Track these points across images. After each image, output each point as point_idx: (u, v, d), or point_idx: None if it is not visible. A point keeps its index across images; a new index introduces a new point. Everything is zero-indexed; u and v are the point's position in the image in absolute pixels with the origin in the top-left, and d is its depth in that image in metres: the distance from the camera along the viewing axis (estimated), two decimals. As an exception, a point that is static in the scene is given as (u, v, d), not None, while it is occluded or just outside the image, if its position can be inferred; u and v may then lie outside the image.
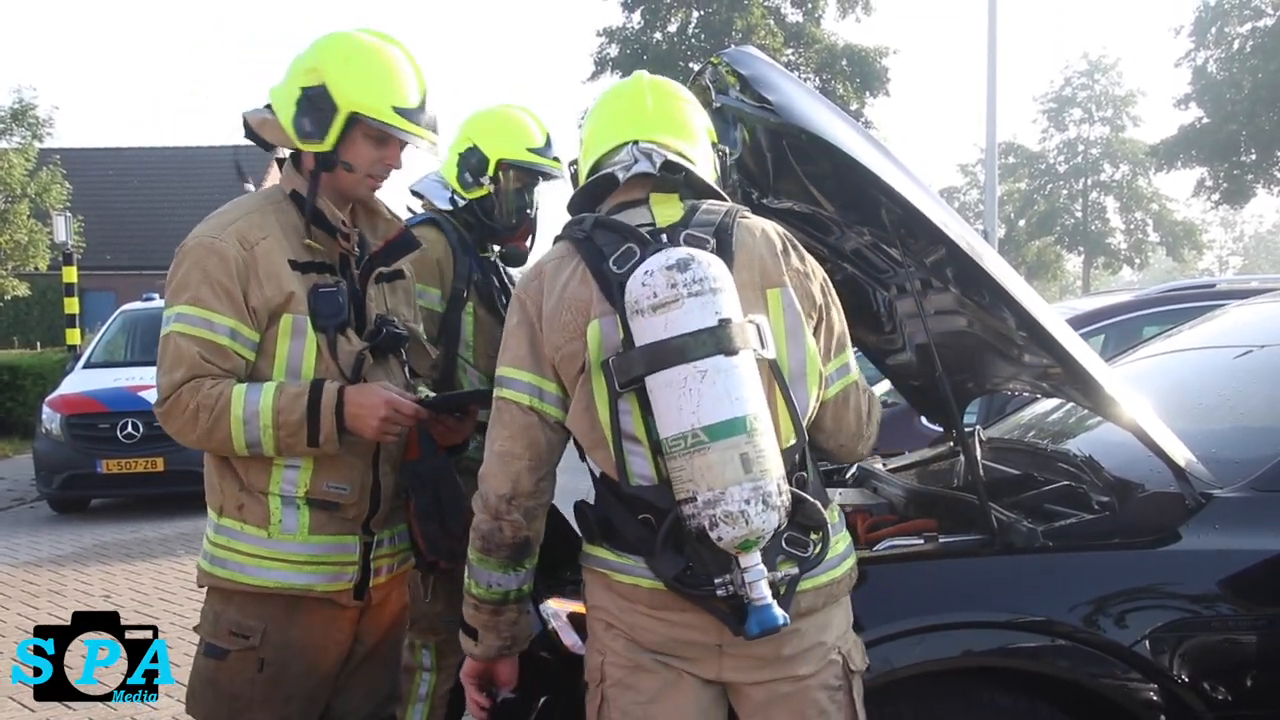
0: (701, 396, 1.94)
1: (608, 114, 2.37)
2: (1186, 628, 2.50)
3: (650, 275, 2.00)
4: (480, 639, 2.24)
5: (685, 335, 1.96)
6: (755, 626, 1.96)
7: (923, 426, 5.57)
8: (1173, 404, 3.13)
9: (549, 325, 2.15)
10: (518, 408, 2.17)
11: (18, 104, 24.36)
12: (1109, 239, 49.38)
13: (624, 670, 2.15)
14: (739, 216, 2.21)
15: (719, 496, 1.93)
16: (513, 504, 2.15)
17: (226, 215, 2.60)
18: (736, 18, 26.99)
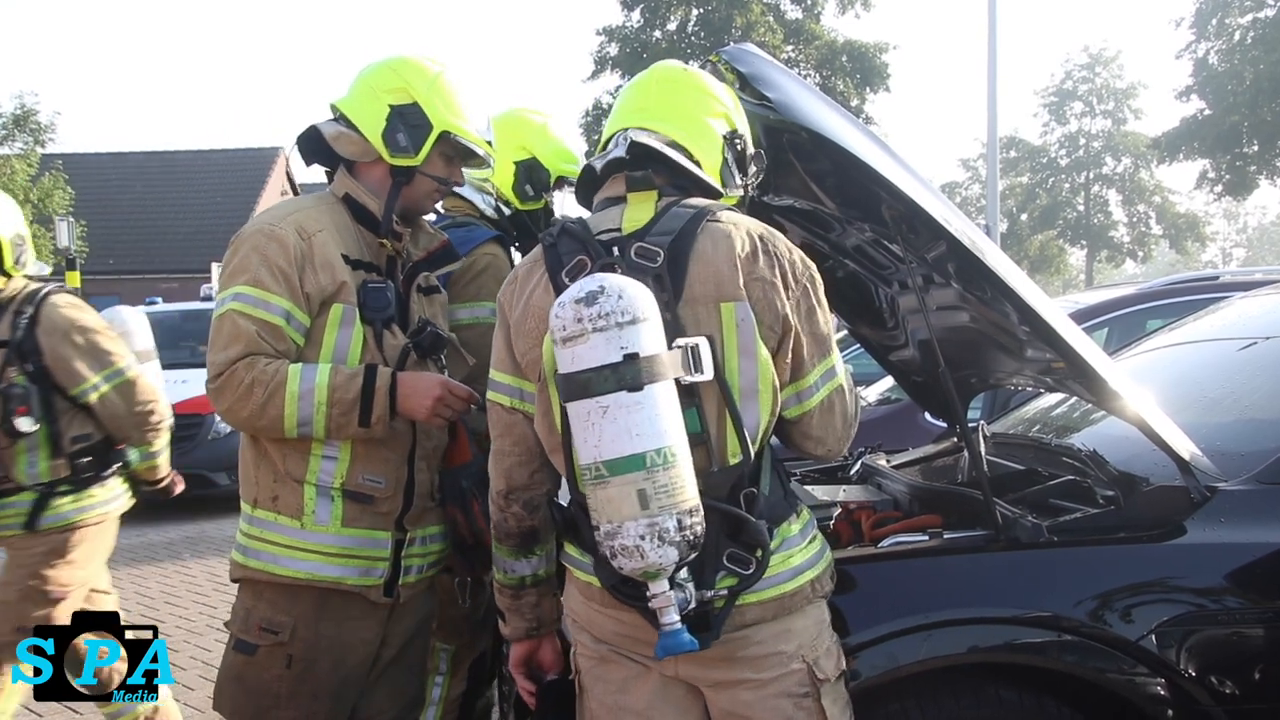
0: (602, 432, 1.93)
1: (617, 104, 2.38)
2: (1193, 622, 2.50)
3: (561, 307, 1.96)
4: (508, 621, 2.36)
5: (589, 370, 1.93)
6: (661, 651, 1.96)
7: (926, 422, 5.57)
8: (1177, 397, 3.13)
9: (516, 331, 2.21)
10: (502, 408, 2.26)
11: (20, 110, 24.47)
12: (1111, 232, 49.36)
13: (593, 661, 2.23)
14: (708, 220, 2.14)
15: (616, 529, 1.93)
16: (510, 498, 2.27)
17: (284, 208, 2.73)
18: (736, 15, 26.99)
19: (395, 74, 2.71)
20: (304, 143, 2.80)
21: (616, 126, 2.30)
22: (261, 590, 2.65)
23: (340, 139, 2.73)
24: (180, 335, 12.28)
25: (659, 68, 2.41)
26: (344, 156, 2.76)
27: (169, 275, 29.09)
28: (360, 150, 2.72)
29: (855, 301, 3.73)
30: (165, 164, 34.35)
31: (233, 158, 36.55)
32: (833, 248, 3.31)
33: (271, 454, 2.64)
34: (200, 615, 6.67)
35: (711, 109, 2.33)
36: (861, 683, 2.41)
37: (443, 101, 2.70)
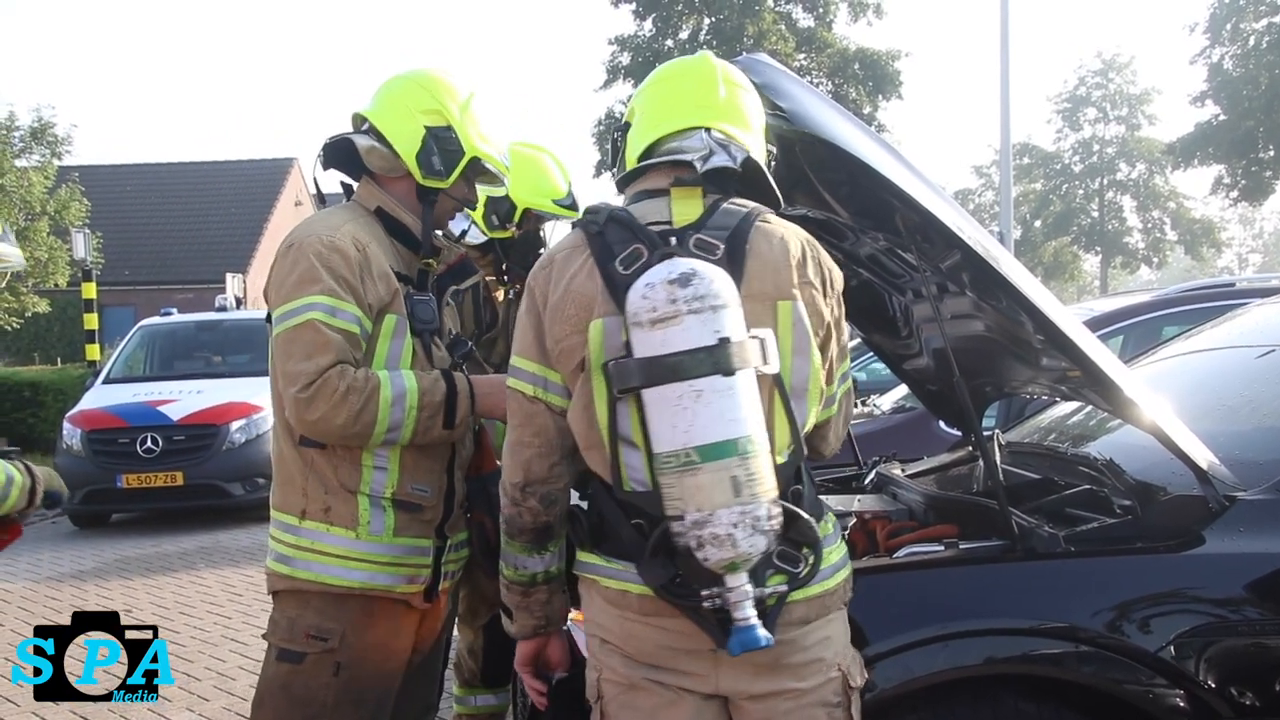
0: (695, 416, 1.90)
1: (674, 92, 2.28)
2: (1212, 632, 2.48)
3: (651, 288, 1.94)
4: (515, 619, 2.29)
5: (682, 353, 1.91)
6: (737, 646, 1.93)
7: (941, 431, 5.55)
8: (1194, 405, 3.11)
9: (552, 316, 2.13)
10: (523, 397, 2.18)
11: (38, 122, 24.59)
12: (1126, 238, 49.21)
13: (620, 688, 2.13)
14: (759, 220, 2.14)
15: (707, 518, 1.89)
16: (527, 491, 2.17)
17: (334, 218, 2.71)
18: (748, 24, 27.01)
19: (429, 94, 2.74)
20: (330, 150, 2.82)
21: (690, 120, 2.21)
22: (308, 599, 2.65)
23: (372, 153, 2.75)
24: (195, 346, 12.34)
25: (715, 64, 2.31)
26: (370, 169, 2.78)
27: (184, 286, 29.26)
28: (389, 165, 2.74)
29: (869, 310, 3.72)
30: (180, 176, 34.55)
31: (247, 169, 36.72)
32: (846, 257, 3.30)
33: (321, 466, 2.63)
34: (215, 625, 6.68)
35: (760, 113, 2.34)
36: (877, 694, 2.39)
37: (474, 127, 2.76)
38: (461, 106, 2.76)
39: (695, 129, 2.20)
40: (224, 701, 5.26)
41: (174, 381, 11.30)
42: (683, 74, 2.31)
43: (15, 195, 23.56)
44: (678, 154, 2.18)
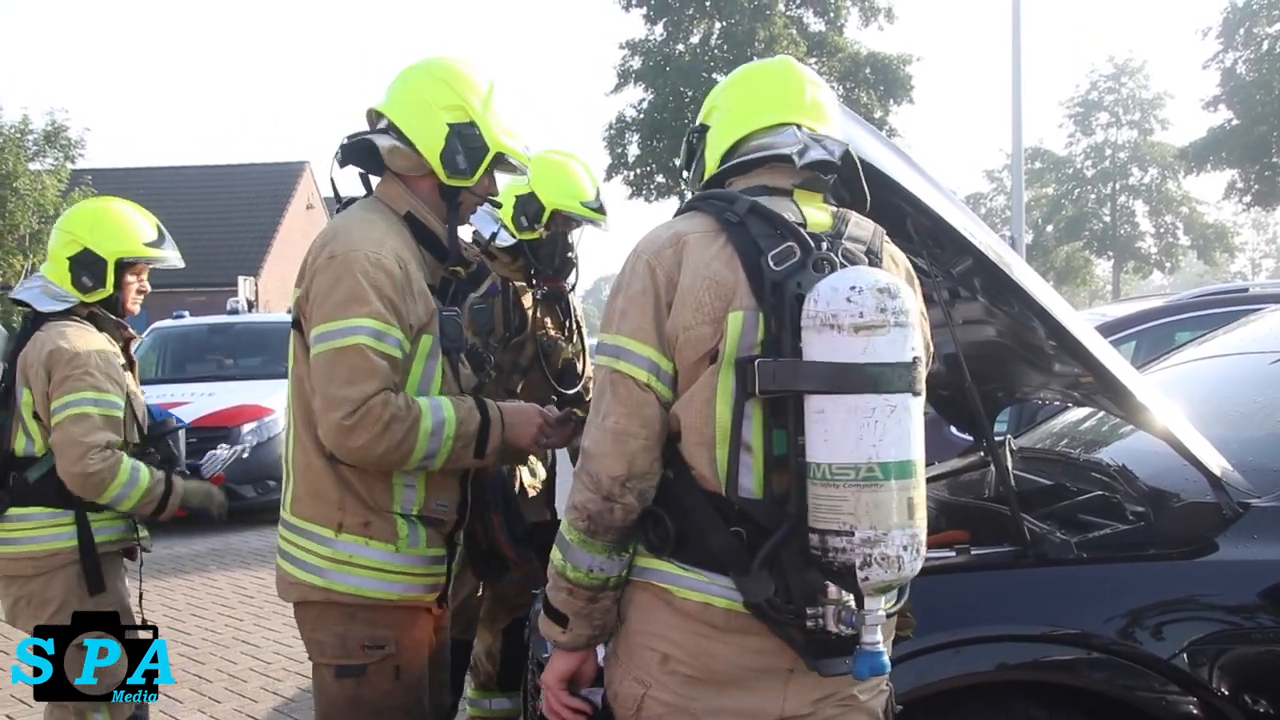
0: (886, 431, 1.80)
1: (761, 90, 2.20)
2: (1225, 639, 2.47)
3: (859, 292, 1.83)
4: (571, 626, 2.07)
5: (884, 365, 1.81)
6: (866, 670, 1.85)
7: (951, 436, 5.54)
8: (1207, 411, 3.10)
9: (681, 302, 1.98)
10: (635, 383, 2.00)
11: (51, 126, 24.70)
12: (1138, 243, 49.02)
13: (668, 709, 2.00)
14: (882, 239, 2.09)
15: (880, 537, 1.80)
16: (627, 486, 1.98)
17: (374, 230, 2.60)
18: (759, 28, 27.00)
19: (450, 88, 2.64)
20: (350, 150, 2.72)
21: (780, 116, 2.13)
22: (355, 612, 2.60)
23: (394, 154, 2.66)
24: (206, 349, 12.37)
25: (799, 67, 2.24)
26: (393, 169, 2.69)
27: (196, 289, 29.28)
28: (412, 165, 2.65)
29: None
30: (192, 179, 34.65)
31: (258, 172, 36.81)
32: (858, 261, 3.30)
33: (356, 484, 2.59)
34: (226, 628, 6.69)
35: (840, 120, 2.26)
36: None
37: (497, 121, 2.67)
38: (484, 100, 2.66)
39: (786, 125, 2.12)
40: (235, 703, 5.27)
41: (186, 384, 11.32)
42: (767, 74, 2.24)
43: (29, 198, 23.68)
44: (770, 149, 2.10)
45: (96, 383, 3.31)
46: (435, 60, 2.74)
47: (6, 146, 23.89)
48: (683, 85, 27.19)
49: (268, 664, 5.85)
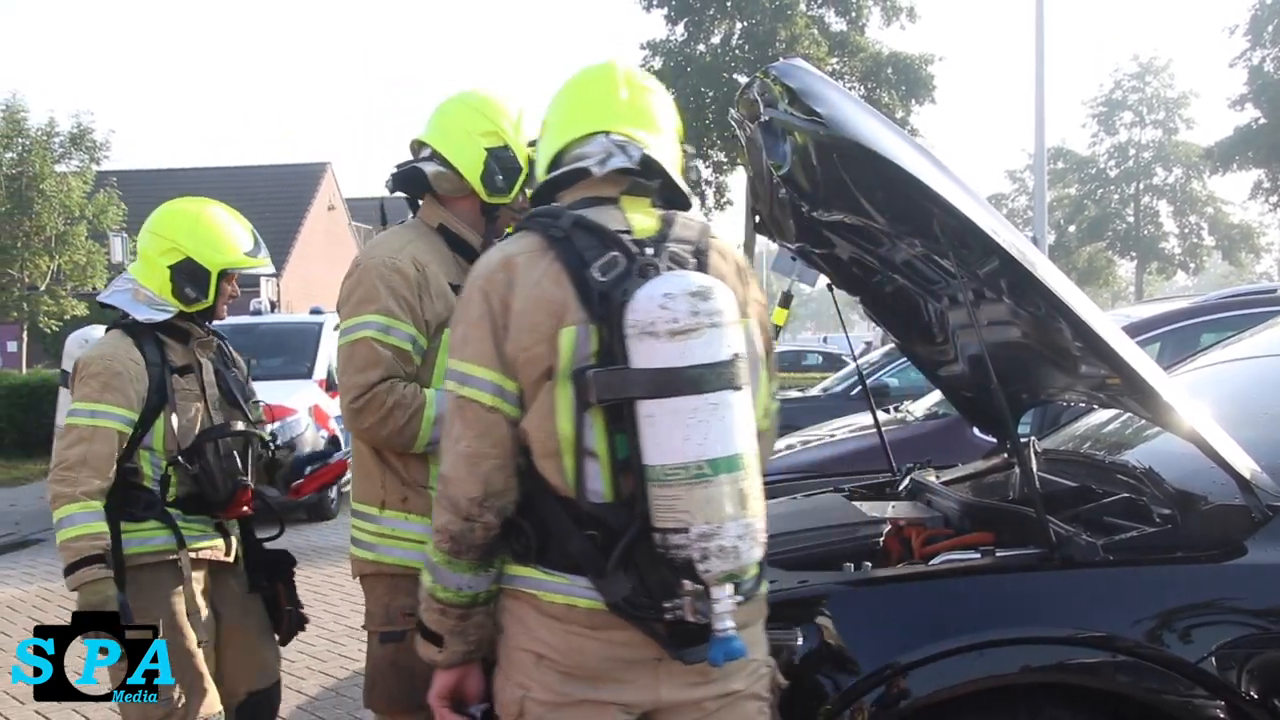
0: (710, 429, 1.89)
1: (578, 99, 2.25)
2: (1253, 643, 2.45)
3: (672, 299, 1.90)
4: (446, 645, 2.15)
5: (703, 366, 1.89)
6: (720, 655, 1.93)
7: (975, 438, 5.51)
8: (1235, 413, 3.07)
9: (517, 324, 2.04)
10: (481, 407, 2.05)
11: (76, 128, 24.89)
12: (1162, 244, 48.70)
13: (547, 708, 2.05)
14: (709, 237, 2.15)
15: (715, 530, 1.88)
16: (485, 505, 2.05)
17: (397, 239, 2.93)
18: (780, 28, 26.94)
19: (483, 116, 2.93)
20: (399, 178, 3.00)
21: (591, 126, 2.18)
22: (398, 583, 2.82)
23: (440, 178, 2.93)
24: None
25: (618, 68, 2.28)
26: (439, 193, 2.97)
27: (219, 289, 29.52)
28: (456, 187, 2.93)
29: (904, 316, 3.71)
30: (214, 180, 34.81)
31: (280, 173, 37.01)
32: (882, 263, 3.30)
33: (395, 464, 2.86)
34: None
35: (669, 116, 2.28)
36: (913, 702, 2.39)
37: (526, 141, 2.93)
38: (514, 125, 2.95)
39: (595, 134, 2.16)
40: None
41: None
42: (585, 81, 2.29)
43: (55, 200, 23.86)
44: (579, 161, 2.15)
45: (88, 393, 3.23)
46: (469, 92, 3.03)
47: (33, 148, 24.09)
48: (704, 86, 27.16)
49: (291, 662, 5.87)
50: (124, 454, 3.25)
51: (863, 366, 10.50)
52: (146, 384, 3.29)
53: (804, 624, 2.48)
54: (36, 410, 15.06)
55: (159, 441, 3.32)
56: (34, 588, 8.07)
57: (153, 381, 3.30)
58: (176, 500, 3.34)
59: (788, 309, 4.72)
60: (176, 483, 3.34)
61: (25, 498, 12.40)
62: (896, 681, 2.41)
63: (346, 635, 6.29)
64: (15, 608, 7.44)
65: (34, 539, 9.98)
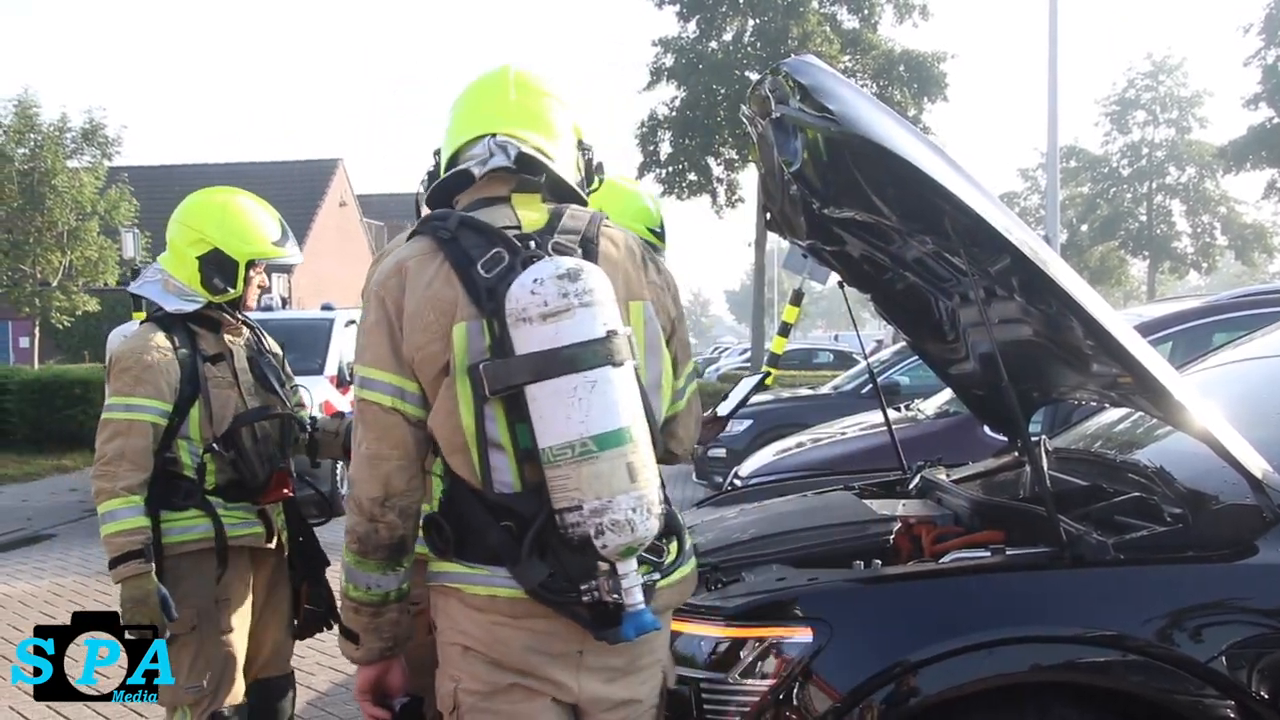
0: (591, 406, 1.94)
1: (469, 105, 2.31)
2: (1264, 643, 2.44)
3: (540, 284, 1.97)
4: (362, 642, 2.21)
5: (575, 345, 1.95)
6: (632, 630, 1.98)
7: (986, 436, 5.50)
8: (1247, 413, 3.06)
9: (410, 325, 2.09)
10: (380, 409, 2.11)
11: (88, 124, 24.98)
12: (1175, 243, 48.48)
13: (479, 696, 2.10)
14: (601, 225, 2.20)
15: (606, 505, 1.94)
16: (386, 505, 2.11)
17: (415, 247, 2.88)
18: (792, 25, 26.85)
19: None
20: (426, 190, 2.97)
21: (478, 129, 2.23)
22: None
23: None
24: (241, 345, 12.43)
25: (510, 71, 2.33)
26: None
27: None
28: None
29: (915, 314, 3.70)
30: (227, 176, 34.75)
31: (292, 169, 37.12)
32: (893, 260, 3.29)
33: None
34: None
35: (566, 117, 2.33)
36: (922, 699, 2.39)
37: None
38: None
39: (481, 137, 2.22)
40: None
41: None
42: (478, 87, 2.34)
43: (67, 195, 23.97)
44: (465, 163, 2.21)
45: (121, 387, 3.28)
46: None
47: (45, 144, 24.21)
48: (715, 83, 27.09)
49: (301, 658, 5.88)
50: (162, 444, 3.30)
51: (873, 365, 10.50)
52: (178, 374, 3.32)
53: (814, 621, 2.48)
54: (49, 405, 15.14)
55: (195, 430, 3.34)
56: (45, 583, 8.10)
57: (185, 371, 3.33)
58: (217, 489, 3.37)
59: (799, 306, 4.72)
60: (215, 470, 3.37)
61: (37, 493, 12.47)
62: (906, 679, 2.41)
63: (356, 630, 6.30)
64: (27, 603, 7.47)
65: (46, 534, 10.02)
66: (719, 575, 2.83)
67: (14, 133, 24.26)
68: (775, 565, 2.91)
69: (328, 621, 3.73)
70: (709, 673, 2.54)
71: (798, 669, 2.45)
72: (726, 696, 2.51)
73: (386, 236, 38.78)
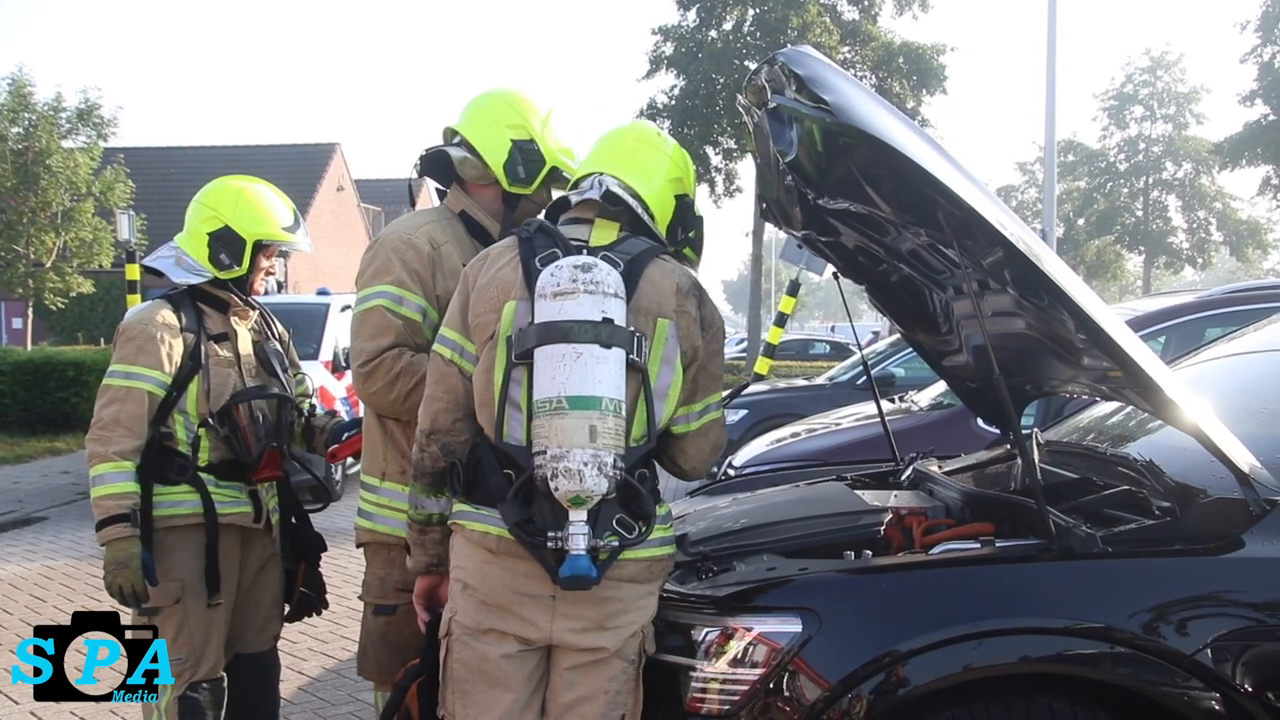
0: (571, 372, 2.32)
1: (599, 147, 2.77)
2: (1250, 636, 2.46)
3: (559, 269, 2.41)
4: (413, 554, 2.66)
5: (573, 321, 2.35)
6: (567, 570, 2.32)
7: (978, 429, 5.52)
8: (1237, 408, 3.08)
9: (477, 296, 2.55)
10: (441, 359, 2.59)
11: (84, 104, 24.88)
12: (1170, 238, 48.54)
13: (466, 630, 2.50)
14: (658, 256, 2.57)
15: (564, 454, 2.30)
16: (431, 438, 2.56)
17: (415, 220, 3.14)
18: (792, 15, 26.82)
19: (514, 110, 3.11)
20: (427, 160, 3.16)
21: (593, 168, 2.68)
22: (394, 558, 2.99)
23: (465, 163, 3.12)
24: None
25: (637, 127, 2.82)
26: (463, 177, 3.15)
27: (226, 269, 29.52)
28: (479, 174, 3.11)
29: (909, 306, 3.71)
30: (224, 158, 34.81)
31: (289, 153, 37.00)
32: (887, 251, 3.30)
33: (397, 436, 3.04)
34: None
35: (671, 173, 2.75)
36: (911, 690, 2.40)
37: (554, 140, 3.13)
38: (543, 121, 3.12)
39: (592, 174, 2.68)
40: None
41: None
42: (609, 135, 2.80)
43: (61, 176, 23.88)
44: (575, 191, 2.69)
45: (124, 355, 3.38)
46: (504, 89, 3.21)
47: (40, 124, 24.10)
48: (715, 72, 27.08)
49: (293, 643, 5.91)
50: (160, 417, 3.39)
51: (868, 356, 10.52)
52: (181, 349, 3.42)
53: (804, 611, 2.49)
54: (41, 388, 15.08)
55: (192, 405, 3.42)
56: (36, 565, 8.11)
57: (187, 347, 3.43)
58: (210, 465, 3.45)
59: (795, 297, 4.73)
60: (209, 447, 3.45)
61: (29, 475, 12.45)
62: (895, 670, 2.42)
63: (348, 616, 6.32)
64: (17, 585, 7.48)
65: (37, 517, 10.01)
66: (710, 564, 2.84)
67: (8, 112, 24.16)
68: (766, 555, 2.93)
69: (319, 607, 3.77)
70: (699, 661, 2.54)
71: (787, 658, 2.46)
72: (716, 685, 2.52)
73: (384, 222, 38.76)
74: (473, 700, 2.49)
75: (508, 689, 2.48)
